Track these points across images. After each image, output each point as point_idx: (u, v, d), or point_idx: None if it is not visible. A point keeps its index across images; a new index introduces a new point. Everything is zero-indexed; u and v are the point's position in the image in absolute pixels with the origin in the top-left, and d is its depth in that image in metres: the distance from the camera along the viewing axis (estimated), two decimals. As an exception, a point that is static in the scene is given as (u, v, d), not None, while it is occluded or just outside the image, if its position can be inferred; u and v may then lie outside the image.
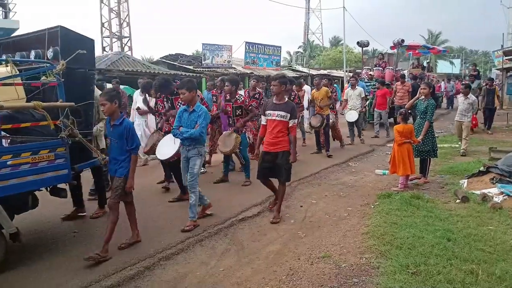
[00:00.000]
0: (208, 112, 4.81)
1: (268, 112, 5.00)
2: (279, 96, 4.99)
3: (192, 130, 4.64)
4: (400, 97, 12.83)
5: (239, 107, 6.61)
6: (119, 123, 4.04)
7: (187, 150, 4.76)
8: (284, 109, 4.88)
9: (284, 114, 4.87)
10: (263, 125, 5.11)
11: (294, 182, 6.81)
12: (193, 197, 4.73)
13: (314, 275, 3.57)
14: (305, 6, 48.94)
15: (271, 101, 5.08)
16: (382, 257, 3.81)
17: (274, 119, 4.91)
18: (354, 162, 8.64)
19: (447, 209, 5.14)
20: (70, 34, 4.62)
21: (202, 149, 4.81)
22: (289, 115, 4.86)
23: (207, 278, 3.62)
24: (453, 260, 3.58)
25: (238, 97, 6.59)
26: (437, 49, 22.83)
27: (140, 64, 17.92)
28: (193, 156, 4.73)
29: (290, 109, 4.88)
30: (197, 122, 4.67)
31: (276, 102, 4.99)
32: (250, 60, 23.07)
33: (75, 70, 4.58)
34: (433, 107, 6.45)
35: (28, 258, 4.03)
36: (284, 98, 5.03)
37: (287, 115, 4.87)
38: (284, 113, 4.87)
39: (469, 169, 6.90)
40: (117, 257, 3.97)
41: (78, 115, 4.41)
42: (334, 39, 56.15)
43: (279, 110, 4.90)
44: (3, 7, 13.02)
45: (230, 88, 6.51)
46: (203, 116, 4.69)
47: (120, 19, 21.42)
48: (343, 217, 5.14)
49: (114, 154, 4.15)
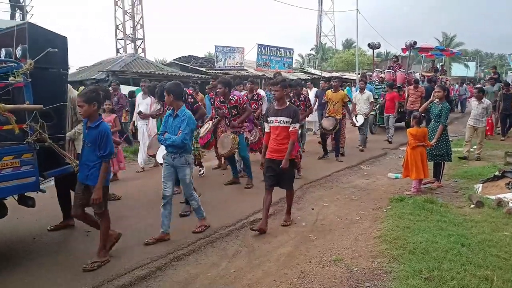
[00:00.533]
0: (192, 116, 4.53)
1: (270, 119, 4.85)
2: (281, 101, 4.85)
3: (174, 137, 4.35)
4: (412, 101, 12.53)
5: (234, 107, 6.45)
6: (95, 126, 3.78)
7: (172, 158, 4.46)
8: (286, 114, 4.72)
9: (286, 119, 4.71)
10: (267, 132, 4.95)
11: (306, 185, 6.80)
12: (194, 203, 4.70)
13: (326, 279, 3.55)
14: (318, 9, 48.86)
15: (272, 107, 4.93)
16: (394, 261, 3.77)
17: (277, 126, 4.76)
18: (366, 165, 8.58)
19: (461, 214, 5.06)
20: (39, 31, 4.26)
21: (189, 158, 4.54)
22: (291, 119, 4.70)
23: (218, 279, 3.63)
24: (467, 266, 3.52)
25: (232, 97, 6.42)
26: (450, 51, 22.39)
27: (153, 66, 18.06)
28: (180, 166, 4.48)
29: (291, 114, 4.71)
30: (180, 128, 4.38)
31: (278, 107, 4.83)
32: (262, 62, 23.08)
33: (45, 70, 4.23)
34: (447, 111, 6.37)
35: (40, 257, 4.09)
36: (285, 102, 4.91)
37: (289, 120, 4.70)
38: (286, 119, 4.71)
39: (484, 174, 6.80)
40: (129, 257, 4.00)
41: (49, 118, 4.12)
42: (346, 41, 55.90)
43: (281, 116, 4.74)
44: (20, 9, 13.25)
45: (223, 90, 6.34)
46: (186, 122, 4.35)
47: (134, 21, 21.66)
48: (355, 220, 5.10)
49: (84, 159, 3.88)
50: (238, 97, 6.52)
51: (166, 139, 4.42)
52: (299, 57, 47.28)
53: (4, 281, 3.61)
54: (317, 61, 42.20)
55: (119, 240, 4.18)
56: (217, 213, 5.35)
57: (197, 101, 5.94)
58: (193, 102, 5.79)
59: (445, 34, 50.52)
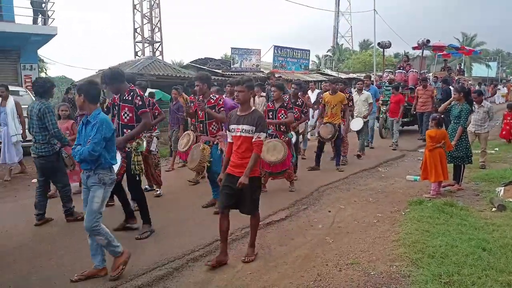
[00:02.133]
0: (107, 121, 3.63)
1: (232, 127, 4.05)
2: (245, 105, 4.03)
3: (81, 149, 3.56)
4: (423, 103, 11.46)
5: (212, 107, 5.40)
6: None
7: (86, 176, 3.66)
8: (249, 122, 3.91)
9: (249, 128, 3.90)
10: (229, 143, 4.15)
11: (323, 187, 6.76)
12: (101, 238, 3.59)
13: (342, 282, 3.52)
14: (335, 10, 48.61)
15: (234, 113, 4.11)
16: (413, 265, 3.72)
17: (239, 135, 3.95)
18: (384, 168, 8.48)
19: (482, 217, 4.95)
20: None
21: (105, 176, 3.63)
22: (255, 128, 3.89)
23: (234, 281, 3.64)
24: (488, 271, 3.45)
25: (212, 97, 5.47)
26: (466, 50, 21.35)
27: (170, 68, 18.25)
28: (93, 185, 3.60)
29: (255, 121, 3.90)
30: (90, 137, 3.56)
31: (241, 113, 4.02)
32: (279, 64, 23.07)
33: None
34: (467, 112, 6.26)
35: (59, 257, 4.17)
36: (250, 107, 4.06)
37: (252, 128, 3.89)
38: (249, 127, 3.90)
39: (506, 176, 6.63)
40: (147, 257, 4.05)
41: None
42: (364, 42, 55.40)
43: (243, 124, 3.94)
44: (42, 14, 13.57)
45: (201, 87, 5.39)
46: (97, 128, 3.53)
47: (152, 24, 21.92)
48: (373, 223, 5.04)
49: None
50: (219, 96, 5.61)
51: (75, 153, 3.62)
52: (315, 58, 47.12)
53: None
54: (334, 62, 41.93)
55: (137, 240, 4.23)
56: (234, 214, 5.35)
57: (145, 105, 4.59)
58: (140, 105, 4.52)
59: (465, 34, 49.55)
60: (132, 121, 4.58)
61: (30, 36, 12.65)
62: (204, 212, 5.50)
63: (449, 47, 17.27)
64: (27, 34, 12.53)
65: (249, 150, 3.92)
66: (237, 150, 3.98)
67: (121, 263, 3.66)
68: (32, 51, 13.94)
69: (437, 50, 17.38)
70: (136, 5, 21.65)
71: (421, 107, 11.56)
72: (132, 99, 4.53)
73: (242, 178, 3.80)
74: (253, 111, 4.02)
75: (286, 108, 6.34)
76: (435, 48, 16.90)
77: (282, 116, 6.29)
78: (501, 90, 29.22)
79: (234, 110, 4.20)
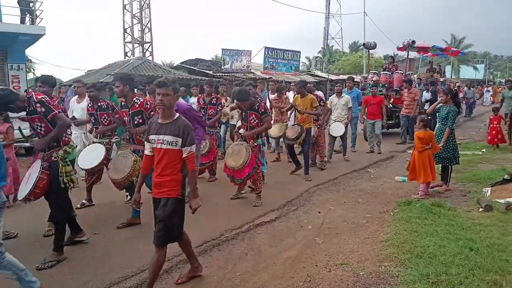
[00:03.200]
0: None
1: (151, 138, 3.37)
2: (167, 112, 3.34)
3: None
4: (406, 105, 11.33)
5: (137, 113, 4.81)
6: None
7: None
8: (172, 132, 3.27)
9: (172, 139, 3.27)
10: (146, 156, 3.50)
11: (312, 188, 6.78)
12: (7, 273, 3.12)
13: (332, 283, 3.54)
14: (325, 11, 48.81)
15: (155, 121, 3.42)
16: (401, 265, 3.75)
17: (160, 148, 3.31)
18: (373, 169, 8.54)
19: (470, 217, 5.01)
20: None
21: None
22: (181, 140, 3.27)
23: (224, 282, 3.63)
24: (475, 271, 3.49)
25: (136, 100, 4.85)
26: (452, 50, 21.35)
27: (160, 69, 18.19)
28: None
29: (181, 131, 3.27)
30: None
31: (162, 121, 3.35)
32: (269, 65, 23.15)
33: None
34: (455, 114, 6.33)
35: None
36: (173, 114, 3.37)
37: (177, 140, 3.26)
38: (172, 138, 3.27)
39: (493, 177, 6.73)
40: (136, 259, 4.02)
41: None
42: (354, 44, 55.75)
43: (165, 134, 3.29)
44: (30, 14, 13.41)
45: (122, 88, 4.75)
46: None
47: (142, 25, 21.82)
48: (362, 224, 5.07)
49: None
50: (144, 100, 4.93)
51: None
52: (306, 60, 47.30)
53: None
54: (324, 63, 42.13)
55: (127, 242, 4.19)
56: (223, 215, 5.36)
57: (50, 109, 3.92)
58: (45, 111, 3.90)
59: (454, 36, 50.25)
60: (49, 130, 4.00)
61: (18, 35, 12.47)
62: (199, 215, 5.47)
63: (434, 48, 17.18)
64: (15, 34, 12.35)
65: (170, 166, 3.30)
66: (157, 165, 3.33)
67: None
68: (19, 51, 13.74)
69: (421, 51, 17.26)
70: (126, 5, 21.53)
71: (404, 109, 11.42)
72: (34, 108, 3.90)
73: (193, 202, 3.37)
74: (177, 119, 3.35)
75: (257, 112, 5.71)
76: (419, 49, 16.75)
77: (253, 120, 5.73)
78: (490, 91, 29.67)
79: (154, 117, 3.50)
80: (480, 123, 17.31)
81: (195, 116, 5.78)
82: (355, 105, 9.85)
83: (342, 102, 9.06)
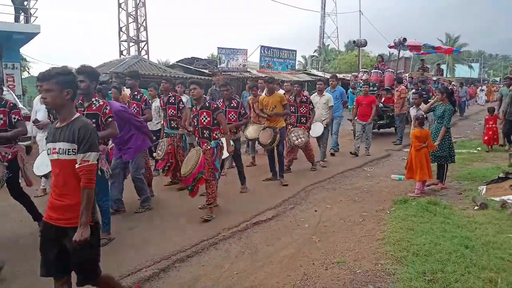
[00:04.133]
0: None
1: (48, 147, 2.67)
2: (64, 111, 2.62)
3: None
4: (396, 105, 11.37)
5: (93, 116, 4.13)
6: None
7: None
8: (67, 137, 2.56)
9: (67, 146, 2.56)
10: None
11: (309, 186, 6.79)
12: None
13: (329, 281, 3.55)
14: (321, 10, 48.85)
15: (53, 126, 2.72)
16: (398, 263, 3.76)
17: (56, 159, 2.60)
18: (370, 167, 8.57)
19: (465, 215, 5.04)
20: None
21: None
22: (77, 145, 2.55)
23: (221, 281, 3.63)
24: (471, 268, 3.51)
25: (95, 101, 4.22)
26: (444, 48, 21.20)
27: (156, 68, 18.16)
28: None
29: (76, 136, 2.55)
30: None
31: (59, 124, 2.65)
32: (265, 64, 23.16)
33: None
34: (450, 112, 6.36)
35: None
36: (71, 114, 2.64)
37: (72, 146, 2.56)
38: (67, 145, 2.56)
39: (488, 175, 6.77)
40: (132, 259, 4.01)
41: None
42: (349, 43, 55.82)
43: (59, 141, 2.58)
44: (25, 12, 13.32)
45: (87, 84, 4.15)
46: None
47: (138, 23, 21.72)
48: (358, 222, 5.09)
49: None
50: (104, 103, 4.27)
51: None
52: (302, 59, 47.30)
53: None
54: (320, 62, 42.15)
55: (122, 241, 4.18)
56: (221, 213, 5.35)
57: None
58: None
59: (448, 35, 50.45)
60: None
61: (12, 34, 12.39)
62: (197, 213, 5.48)
63: (425, 46, 17.03)
64: (9, 32, 12.27)
65: (71, 183, 2.57)
66: (56, 183, 2.62)
67: None
68: (14, 49, 13.67)
69: (413, 49, 17.06)
70: (121, 4, 21.43)
71: (396, 109, 11.44)
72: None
73: (78, 233, 2.45)
74: (74, 120, 2.61)
75: (208, 109, 5.17)
76: (411, 48, 16.57)
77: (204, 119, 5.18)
78: (484, 91, 29.84)
79: (55, 122, 2.76)
80: (475, 122, 17.41)
81: (130, 119, 5.06)
82: (338, 103, 9.45)
83: (323, 101, 8.50)
